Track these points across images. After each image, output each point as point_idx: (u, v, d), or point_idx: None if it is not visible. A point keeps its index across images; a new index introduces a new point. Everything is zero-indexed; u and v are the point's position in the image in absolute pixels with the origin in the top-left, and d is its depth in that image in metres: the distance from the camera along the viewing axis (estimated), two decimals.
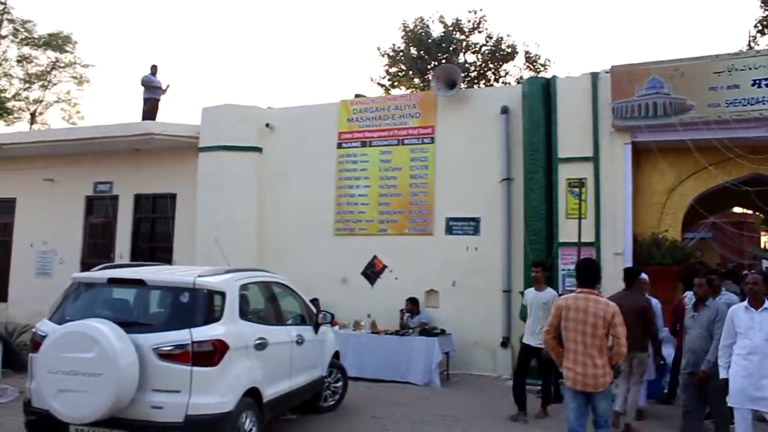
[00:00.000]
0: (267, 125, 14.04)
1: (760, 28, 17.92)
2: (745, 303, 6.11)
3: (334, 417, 8.58)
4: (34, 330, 6.38)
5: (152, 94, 15.46)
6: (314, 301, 11.31)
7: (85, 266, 14.17)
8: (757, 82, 10.13)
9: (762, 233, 29.91)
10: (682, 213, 11.27)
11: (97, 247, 15.53)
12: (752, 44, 18.22)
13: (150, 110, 15.31)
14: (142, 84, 15.47)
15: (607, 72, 11.21)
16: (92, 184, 15.73)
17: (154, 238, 15.34)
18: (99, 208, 15.65)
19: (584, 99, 11.30)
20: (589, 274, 5.89)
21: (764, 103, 10.05)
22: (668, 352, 9.02)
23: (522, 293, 10.17)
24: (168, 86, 15.71)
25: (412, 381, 10.78)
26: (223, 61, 67.70)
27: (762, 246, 30.68)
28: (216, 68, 66.31)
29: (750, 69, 10.23)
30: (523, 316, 10.72)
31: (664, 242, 10.80)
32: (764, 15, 17.87)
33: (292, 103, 15.95)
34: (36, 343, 6.05)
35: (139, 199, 15.41)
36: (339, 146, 13.44)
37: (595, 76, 11.34)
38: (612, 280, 9.29)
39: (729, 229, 17.65)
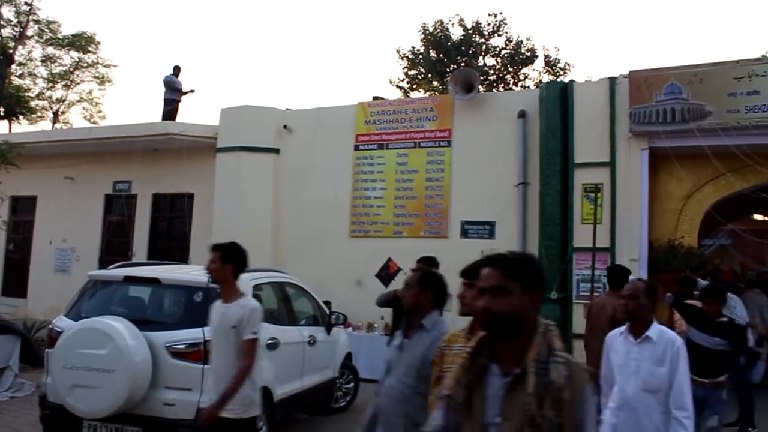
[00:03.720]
0: (285, 126, 14.11)
1: None
2: (623, 328, 4.29)
3: (345, 418, 8.62)
4: (50, 326, 6.48)
5: (173, 95, 15.60)
6: (326, 302, 11.39)
7: (103, 264, 14.33)
8: None
9: None
10: (699, 220, 11.18)
11: (114, 245, 15.67)
12: None
13: (170, 111, 15.45)
14: (164, 85, 15.62)
15: (625, 77, 11.16)
16: (111, 183, 15.87)
17: (171, 237, 15.46)
18: (117, 207, 15.78)
19: (602, 104, 11.26)
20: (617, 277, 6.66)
21: None
22: None
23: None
24: (192, 90, 15.87)
25: None
26: (243, 62, 68.05)
27: None
28: (236, 69, 66.68)
29: None
30: None
31: (680, 249, 10.73)
32: None
33: (310, 105, 16.02)
34: (52, 338, 6.15)
35: (157, 199, 15.54)
36: (356, 148, 13.49)
37: (612, 81, 11.29)
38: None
39: (748, 237, 17.46)
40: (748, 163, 10.38)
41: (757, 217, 19.61)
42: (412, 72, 29.02)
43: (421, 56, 28.41)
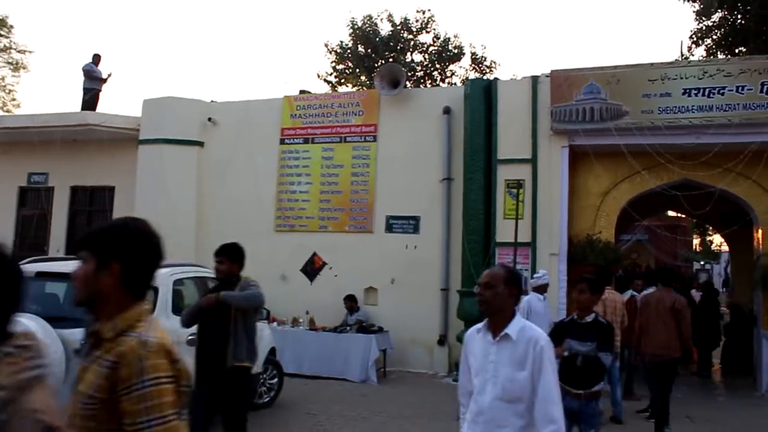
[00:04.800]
0: (209, 119, 13.90)
1: (695, 39, 18.48)
2: (481, 324, 3.50)
3: (269, 413, 8.56)
4: None
5: (93, 84, 15.09)
6: None
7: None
8: (688, 91, 10.50)
9: (695, 236, 31.01)
10: (616, 215, 11.54)
11: (29, 240, 15.11)
12: (687, 54, 18.79)
13: (90, 100, 14.94)
14: (84, 73, 15.10)
15: (547, 76, 11.43)
16: (26, 175, 15.29)
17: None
18: (33, 200, 15.23)
19: (524, 102, 11.52)
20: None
21: (693, 112, 10.42)
22: None
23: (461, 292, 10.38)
24: (110, 74, 15.33)
25: (349, 378, 10.82)
26: (168, 52, 66.62)
27: (694, 249, 31.83)
28: (160, 60, 65.21)
29: (681, 78, 10.59)
30: (462, 315, 10.90)
31: (598, 243, 11.05)
32: (698, 27, 18.45)
33: (235, 98, 15.81)
34: None
35: (75, 192, 15.05)
36: (282, 142, 13.40)
37: (535, 80, 11.56)
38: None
39: (662, 232, 18.18)
40: (660, 161, 10.84)
41: (671, 213, 20.41)
42: (340, 66, 28.97)
43: (349, 51, 28.39)
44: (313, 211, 12.97)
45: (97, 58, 15.19)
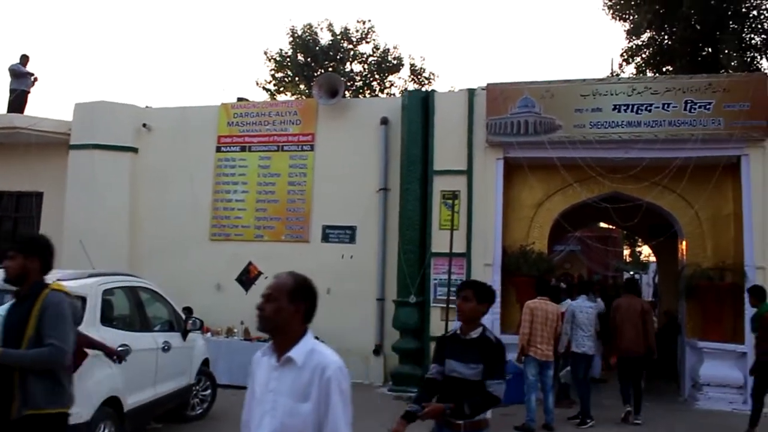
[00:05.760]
0: (144, 125, 13.64)
1: (626, 57, 19.12)
2: (267, 346, 2.92)
3: (202, 426, 8.43)
4: None
5: (20, 85, 14.58)
6: (188, 309, 11.08)
7: None
8: (618, 107, 10.83)
9: (625, 247, 31.88)
10: (549, 227, 11.78)
11: None
12: (618, 71, 19.41)
13: (17, 102, 14.43)
14: (10, 73, 14.58)
15: (483, 89, 11.61)
16: None
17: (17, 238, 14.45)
18: None
19: (461, 114, 11.66)
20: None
21: (623, 127, 10.76)
22: None
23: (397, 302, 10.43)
24: (35, 78, 14.79)
25: None
26: (102, 56, 65.14)
27: (624, 259, 32.73)
28: (93, 63, 63.70)
29: (612, 94, 10.93)
30: (398, 325, 10.98)
31: (531, 254, 11.25)
32: (629, 46, 19.09)
33: (171, 104, 15.55)
34: None
35: (1, 197, 14.55)
36: (218, 150, 13.25)
37: (471, 93, 11.72)
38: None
39: (594, 243, 18.65)
40: (591, 174, 11.14)
41: (603, 225, 20.95)
42: (280, 74, 28.81)
43: (288, 59, 28.26)
44: (249, 220, 12.85)
45: (25, 59, 14.70)
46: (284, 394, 2.71)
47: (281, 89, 28.75)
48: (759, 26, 17.83)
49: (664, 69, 18.51)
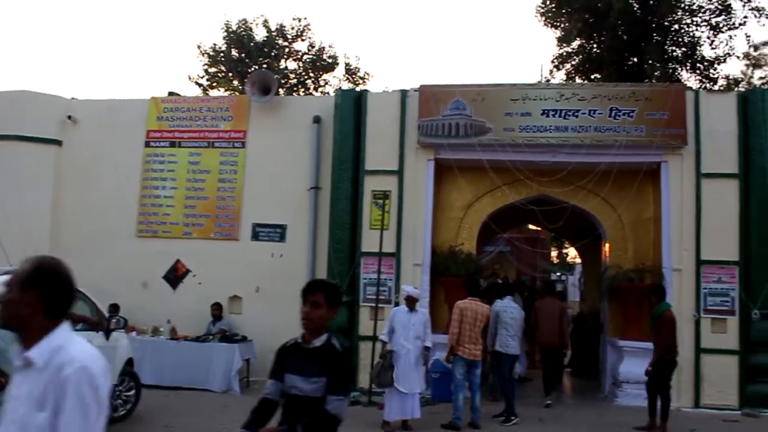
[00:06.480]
0: (69, 117, 13.24)
1: (556, 63, 19.53)
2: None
3: (124, 428, 8.23)
4: None
5: None
6: (114, 306, 10.81)
7: None
8: (546, 112, 11.09)
9: (552, 249, 32.60)
10: (478, 228, 11.94)
11: None
12: (549, 77, 19.82)
13: None
14: None
15: (416, 90, 11.70)
16: None
17: None
18: None
19: (393, 114, 11.70)
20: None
21: (551, 132, 11.01)
22: None
23: None
24: None
25: (211, 388, 10.61)
26: (26, 44, 62.90)
27: (551, 260, 33.47)
28: (17, 52, 61.47)
29: (541, 99, 11.18)
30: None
31: (460, 255, 11.39)
32: (560, 53, 19.51)
33: (99, 96, 15.14)
34: None
35: None
36: (147, 145, 12.98)
37: (404, 94, 11.78)
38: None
39: (522, 245, 19.02)
40: (520, 177, 11.35)
41: (531, 227, 21.38)
42: (213, 69, 28.34)
43: (222, 54, 27.84)
44: (177, 216, 12.62)
45: None
46: (23, 401, 2.22)
47: (214, 85, 28.29)
48: (680, 39, 18.50)
49: (592, 76, 18.99)
